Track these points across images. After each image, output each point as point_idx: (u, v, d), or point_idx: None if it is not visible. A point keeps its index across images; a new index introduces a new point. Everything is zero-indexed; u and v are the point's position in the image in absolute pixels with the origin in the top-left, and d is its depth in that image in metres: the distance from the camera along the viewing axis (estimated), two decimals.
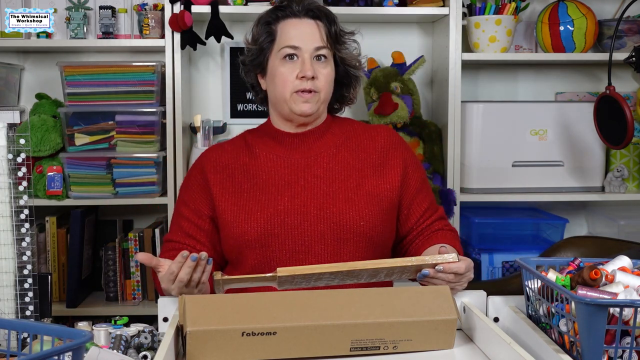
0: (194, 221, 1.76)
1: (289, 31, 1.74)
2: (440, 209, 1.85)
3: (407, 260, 1.52)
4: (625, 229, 2.75)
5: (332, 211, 1.70)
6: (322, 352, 1.37)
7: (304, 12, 1.74)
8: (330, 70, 1.75)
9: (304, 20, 1.74)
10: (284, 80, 1.72)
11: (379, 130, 1.85)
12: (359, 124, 1.88)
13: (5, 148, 1.61)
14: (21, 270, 1.62)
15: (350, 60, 1.80)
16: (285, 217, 1.69)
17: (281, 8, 1.76)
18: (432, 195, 1.84)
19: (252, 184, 1.74)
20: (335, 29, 1.75)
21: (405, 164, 1.79)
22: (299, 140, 1.79)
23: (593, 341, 1.22)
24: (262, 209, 1.70)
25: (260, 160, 1.77)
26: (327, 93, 1.75)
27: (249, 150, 1.79)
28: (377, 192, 1.74)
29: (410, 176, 1.79)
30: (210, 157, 1.80)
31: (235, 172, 1.76)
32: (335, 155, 1.78)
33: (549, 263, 1.49)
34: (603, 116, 2.42)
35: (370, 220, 1.70)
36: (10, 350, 1.16)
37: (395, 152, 1.80)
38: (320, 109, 1.76)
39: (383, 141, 1.81)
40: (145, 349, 1.39)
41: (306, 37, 1.72)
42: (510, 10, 2.70)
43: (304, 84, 1.71)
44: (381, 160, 1.78)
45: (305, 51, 1.72)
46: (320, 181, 1.74)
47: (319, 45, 1.72)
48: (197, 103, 2.91)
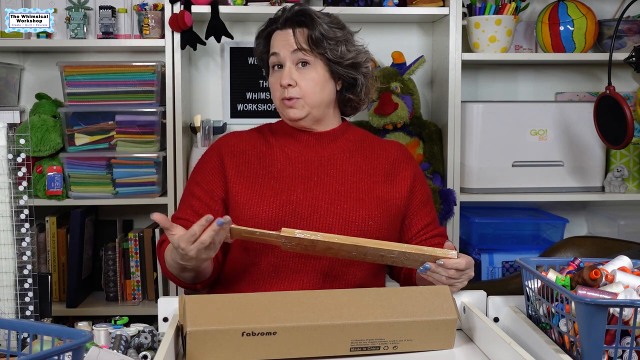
0: (205, 201, 1.78)
1: (274, 42, 1.79)
2: (442, 228, 1.89)
3: (407, 246, 1.52)
4: (625, 229, 2.75)
5: (343, 207, 1.73)
6: (322, 352, 1.37)
7: (284, 22, 1.78)
8: (315, 74, 1.75)
9: (285, 30, 1.78)
10: (273, 90, 1.80)
11: (392, 143, 1.91)
12: (373, 135, 1.93)
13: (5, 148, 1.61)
14: (21, 270, 1.62)
15: (342, 61, 1.77)
16: (297, 206, 1.72)
17: (271, 22, 1.82)
18: (435, 214, 1.89)
19: (267, 171, 1.78)
20: (316, 33, 1.74)
21: (414, 177, 1.84)
22: (315, 139, 1.82)
23: (593, 341, 1.22)
24: (275, 196, 1.73)
25: (277, 151, 1.81)
26: (313, 98, 1.76)
27: (266, 141, 1.84)
28: (386, 197, 1.78)
29: (418, 189, 1.84)
30: (228, 141, 1.84)
31: (252, 159, 1.80)
32: (349, 159, 1.82)
33: (549, 263, 1.49)
34: (603, 116, 2.42)
35: (378, 222, 1.74)
36: (10, 350, 1.16)
37: (407, 165, 1.85)
38: (313, 112, 1.77)
39: (396, 154, 1.86)
40: (145, 349, 1.39)
41: (284, 44, 1.76)
42: (510, 10, 2.70)
43: (284, 92, 1.75)
44: (392, 171, 1.83)
45: (285, 58, 1.76)
46: (333, 180, 1.77)
47: (293, 49, 1.75)
48: (197, 103, 2.91)
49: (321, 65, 1.76)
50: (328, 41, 1.75)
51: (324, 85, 1.77)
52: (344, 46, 1.77)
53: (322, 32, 1.75)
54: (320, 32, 1.74)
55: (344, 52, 1.77)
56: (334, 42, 1.76)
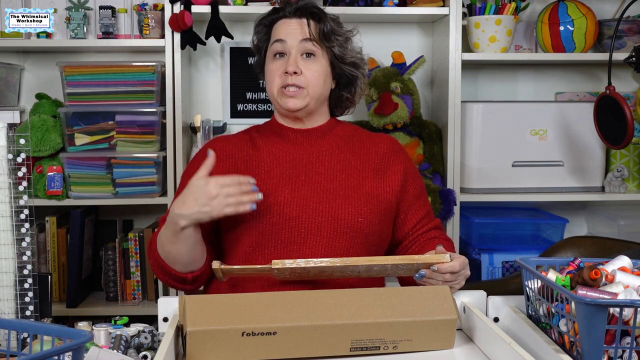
0: None
1: (279, 29, 1.79)
2: (437, 220, 1.88)
3: (399, 258, 1.54)
4: (625, 229, 2.75)
5: (331, 205, 1.72)
6: (322, 352, 1.37)
7: (293, 11, 1.79)
8: (320, 67, 1.76)
9: (293, 19, 1.78)
10: (272, 77, 1.78)
11: (382, 137, 1.89)
12: (363, 130, 1.91)
13: (5, 148, 1.61)
14: (21, 270, 1.62)
15: (346, 59, 1.80)
16: (285, 207, 1.71)
17: (276, 10, 1.82)
18: (430, 206, 1.88)
19: (254, 174, 1.76)
20: (327, 27, 1.77)
21: (406, 171, 1.83)
22: (302, 136, 1.81)
23: (593, 341, 1.22)
24: (263, 198, 1.71)
25: (264, 153, 1.80)
26: (316, 89, 1.76)
27: (253, 144, 1.83)
28: (376, 193, 1.76)
29: (410, 183, 1.83)
30: (215, 146, 1.83)
31: (238, 162, 1.79)
32: (337, 155, 1.80)
33: (549, 263, 1.49)
34: (603, 116, 2.42)
35: (368, 218, 1.72)
36: (10, 350, 1.16)
37: (397, 159, 1.84)
38: (311, 104, 1.77)
39: (386, 147, 1.84)
40: (145, 349, 1.39)
41: (293, 32, 1.76)
42: (510, 10, 2.70)
43: (287, 79, 1.74)
44: (382, 165, 1.81)
45: (291, 46, 1.75)
46: (322, 178, 1.76)
47: (304, 38, 1.75)
48: (197, 103, 2.91)
49: (325, 60, 1.78)
50: (337, 37, 1.78)
51: (325, 80, 1.78)
52: (350, 44, 1.81)
53: (332, 27, 1.77)
54: (331, 26, 1.77)
55: (349, 50, 1.81)
56: (342, 39, 1.79)
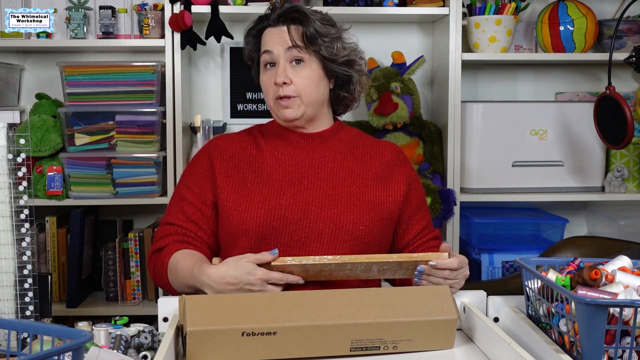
0: (197, 206, 1.76)
1: (266, 39, 1.77)
2: (437, 231, 1.88)
3: (397, 256, 1.54)
4: (625, 229, 2.75)
5: (333, 212, 1.71)
6: (322, 352, 1.37)
7: (276, 19, 1.76)
8: (310, 72, 1.74)
9: (278, 27, 1.76)
10: (266, 89, 1.77)
11: (386, 145, 1.87)
12: (367, 136, 1.89)
13: (5, 148, 1.61)
14: (21, 270, 1.62)
15: (336, 59, 1.76)
16: (286, 211, 1.70)
17: (261, 20, 1.80)
18: (430, 217, 1.88)
19: (257, 175, 1.75)
20: (310, 30, 1.72)
21: (409, 181, 1.82)
22: (305, 141, 1.80)
23: (593, 341, 1.22)
24: (264, 201, 1.71)
25: (267, 154, 1.79)
26: (309, 95, 1.74)
27: (256, 144, 1.81)
28: (378, 202, 1.75)
29: (413, 194, 1.82)
30: (218, 145, 1.82)
31: (241, 163, 1.78)
32: (341, 162, 1.79)
33: (549, 263, 1.49)
34: (603, 116, 2.42)
35: (369, 226, 1.71)
36: (10, 350, 1.16)
37: (401, 168, 1.82)
38: (308, 111, 1.75)
39: (390, 156, 1.83)
40: (145, 349, 1.39)
41: (278, 41, 1.74)
42: (510, 10, 2.70)
43: (279, 91, 1.73)
44: (386, 174, 1.80)
45: (279, 56, 1.73)
46: (324, 183, 1.75)
47: (288, 46, 1.73)
48: (197, 103, 2.91)
49: (316, 63, 1.75)
50: (322, 38, 1.74)
51: (319, 83, 1.75)
52: (338, 43, 1.76)
53: (316, 29, 1.73)
54: (315, 28, 1.73)
55: (339, 49, 1.76)
56: (328, 40, 1.74)
